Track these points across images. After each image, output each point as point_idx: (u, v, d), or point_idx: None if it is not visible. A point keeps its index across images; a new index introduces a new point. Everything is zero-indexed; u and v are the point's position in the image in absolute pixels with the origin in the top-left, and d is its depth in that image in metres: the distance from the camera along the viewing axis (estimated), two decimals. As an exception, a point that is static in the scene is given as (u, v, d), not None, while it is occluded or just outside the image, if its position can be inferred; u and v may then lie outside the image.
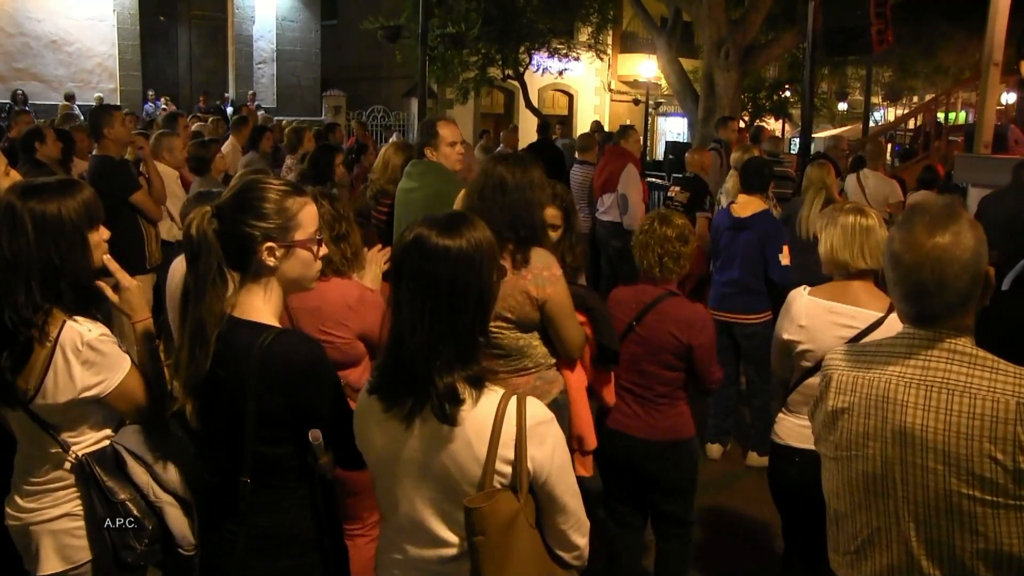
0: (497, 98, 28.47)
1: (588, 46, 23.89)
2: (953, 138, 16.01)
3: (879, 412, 2.04)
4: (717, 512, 5.18)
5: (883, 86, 28.80)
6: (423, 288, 1.95)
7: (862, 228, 3.38)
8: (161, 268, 6.38)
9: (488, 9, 19.38)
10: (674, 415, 3.85)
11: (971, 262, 1.94)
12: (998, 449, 1.88)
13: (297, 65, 26.18)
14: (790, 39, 15.79)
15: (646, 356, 3.79)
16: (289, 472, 2.26)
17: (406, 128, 23.80)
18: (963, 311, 1.99)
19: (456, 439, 1.97)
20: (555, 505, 2.09)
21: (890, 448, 2.02)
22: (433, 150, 4.97)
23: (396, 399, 2.01)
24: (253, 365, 2.15)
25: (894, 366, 2.04)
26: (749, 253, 5.72)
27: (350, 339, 3.26)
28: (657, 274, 3.82)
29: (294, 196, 2.28)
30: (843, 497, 2.16)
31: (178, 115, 10.85)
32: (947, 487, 1.94)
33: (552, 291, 3.24)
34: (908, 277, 1.97)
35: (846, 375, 2.14)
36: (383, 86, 26.11)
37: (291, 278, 2.30)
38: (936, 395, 1.96)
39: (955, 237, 1.93)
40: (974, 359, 1.96)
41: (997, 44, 11.46)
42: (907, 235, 1.97)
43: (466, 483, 1.98)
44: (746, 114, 24.27)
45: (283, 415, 2.20)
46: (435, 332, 1.94)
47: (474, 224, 2.04)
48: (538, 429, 2.01)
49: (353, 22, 23.10)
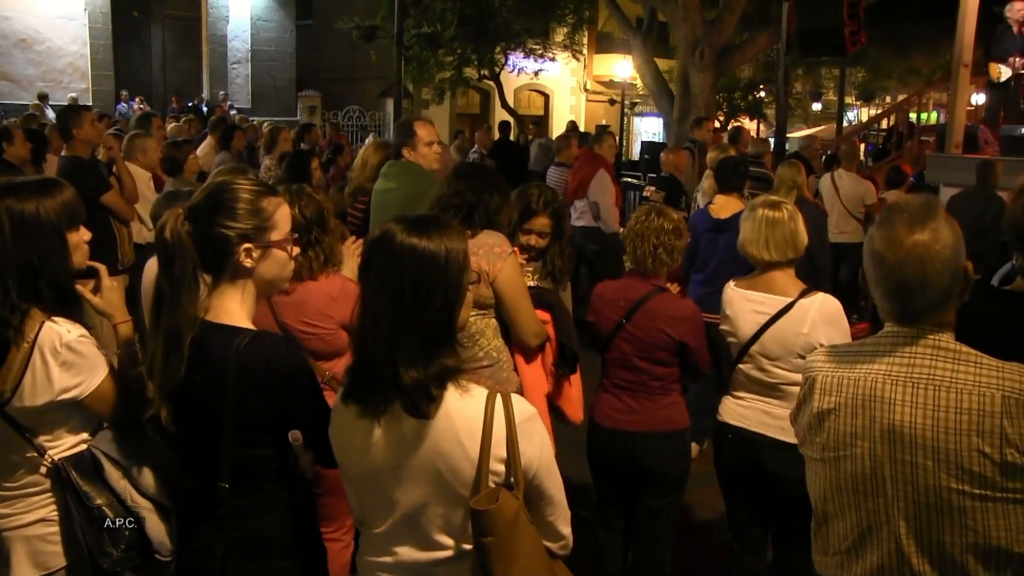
0: (473, 98, 28.46)
1: (564, 46, 23.95)
2: (925, 138, 16.13)
3: (867, 411, 2.05)
4: (695, 511, 5.20)
5: (856, 86, 29.01)
6: (386, 284, 1.95)
7: (768, 221, 3.54)
8: (134, 269, 6.35)
9: (464, 9, 19.37)
10: (669, 404, 3.85)
11: (951, 258, 1.96)
12: (985, 443, 1.90)
13: (272, 65, 26.04)
14: (765, 40, 15.88)
15: (637, 353, 3.79)
16: (269, 474, 2.25)
17: (382, 128, 23.75)
18: (945, 307, 2.01)
19: (447, 441, 1.96)
20: (544, 498, 2.10)
21: (879, 446, 2.03)
22: (411, 150, 4.96)
23: (367, 400, 2.00)
24: (230, 369, 2.14)
25: (879, 364, 2.06)
26: (729, 254, 5.72)
27: (334, 329, 3.29)
28: (650, 266, 3.80)
29: (268, 196, 2.27)
30: (832, 498, 2.16)
31: (152, 115, 10.78)
32: (937, 483, 1.95)
33: (502, 266, 3.27)
34: (891, 276, 1.99)
35: (830, 376, 2.14)
36: (358, 86, 26.04)
37: (267, 279, 2.29)
38: (923, 391, 1.98)
39: (934, 234, 1.95)
40: (958, 354, 1.99)
41: (966, 46, 11.59)
42: (888, 234, 1.99)
43: (460, 484, 1.98)
44: (721, 114, 24.40)
45: (262, 418, 2.19)
46: (397, 328, 1.93)
47: (446, 227, 2.04)
48: (527, 425, 2.01)
49: (328, 22, 23.00)
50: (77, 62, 22.58)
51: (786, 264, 3.56)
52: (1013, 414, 1.89)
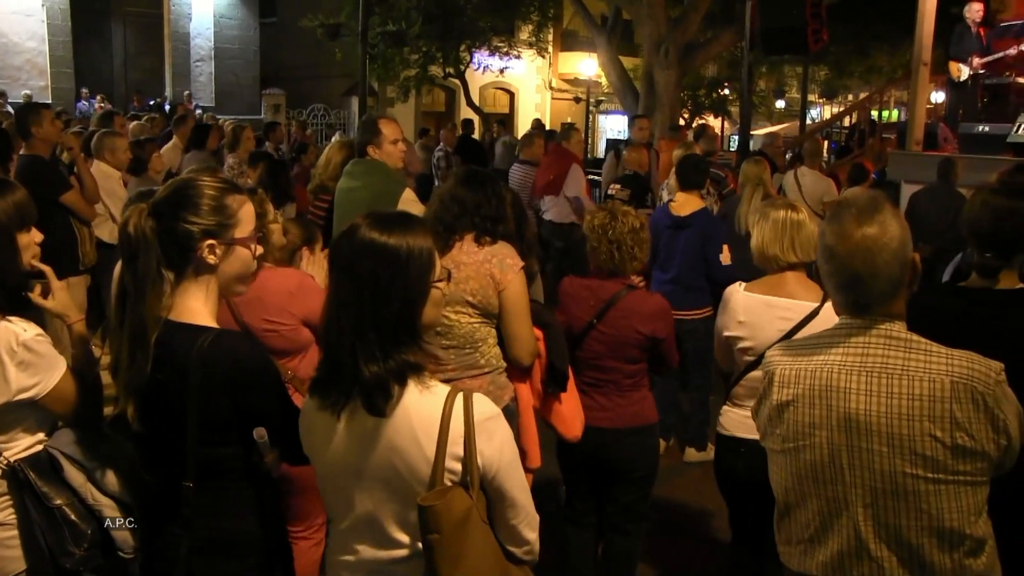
0: (438, 96, 28.43)
1: (529, 44, 24.01)
2: (887, 135, 16.30)
3: (823, 401, 2.11)
4: (661, 506, 5.22)
5: (819, 84, 29.29)
6: (348, 278, 1.96)
7: (792, 223, 3.46)
8: (97, 269, 6.28)
9: (428, 7, 19.34)
10: (639, 399, 3.86)
11: (899, 249, 2.03)
12: (937, 427, 1.97)
13: (236, 63, 25.85)
14: (728, 38, 15.99)
15: (609, 353, 3.78)
16: (234, 473, 2.24)
17: (347, 126, 23.64)
18: (894, 297, 2.08)
19: (403, 438, 1.96)
20: (505, 500, 2.08)
21: (836, 435, 2.09)
22: (376, 148, 4.93)
23: (330, 395, 2.00)
24: (194, 368, 2.12)
25: (835, 355, 2.12)
26: (690, 251, 5.77)
27: (295, 325, 3.29)
28: (615, 265, 3.78)
29: (233, 193, 2.26)
30: (793, 489, 2.21)
31: (114, 113, 10.65)
32: (892, 468, 2.02)
33: (512, 278, 3.28)
34: (842, 268, 2.06)
35: (788, 369, 2.20)
36: (323, 84, 25.89)
37: (230, 276, 2.27)
38: (876, 380, 2.04)
39: (882, 227, 2.03)
40: (909, 343, 2.06)
41: (926, 45, 11.75)
42: (837, 228, 2.06)
43: (416, 482, 1.97)
44: (686, 112, 24.54)
45: (227, 417, 2.17)
46: (357, 323, 1.93)
47: (413, 226, 2.04)
48: (486, 425, 2.00)
49: (292, 20, 22.90)
50: (35, 59, 22.27)
51: (802, 267, 3.48)
52: (962, 399, 1.96)
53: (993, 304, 2.90)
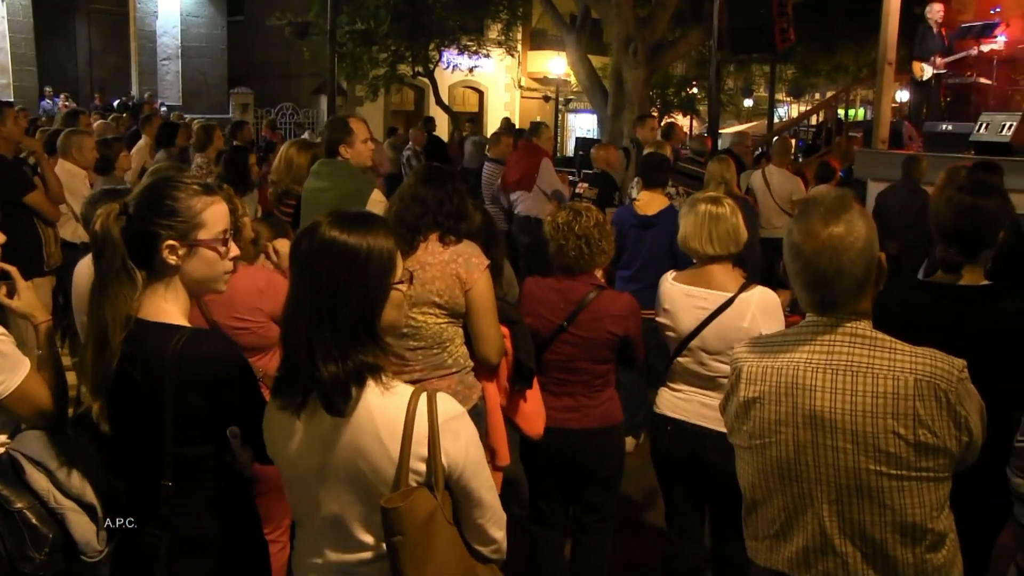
0: (407, 95, 28.33)
1: (498, 43, 23.96)
2: (853, 134, 16.47)
3: (789, 398, 2.13)
4: (632, 503, 5.25)
5: (786, 83, 29.45)
6: (307, 277, 1.96)
7: (711, 216, 3.57)
8: (63, 270, 6.20)
9: (397, 5, 19.28)
10: (606, 399, 3.86)
11: (864, 249, 2.05)
12: (900, 424, 2.00)
13: (203, 62, 25.64)
14: (697, 37, 16.07)
15: (580, 355, 3.76)
16: (209, 472, 2.24)
17: (316, 125, 23.50)
18: (860, 296, 2.10)
19: (367, 439, 1.95)
20: (471, 500, 2.08)
21: (801, 432, 2.11)
22: (348, 147, 4.90)
23: (291, 395, 1.99)
24: (169, 368, 2.12)
25: (801, 353, 2.14)
26: (656, 250, 5.78)
27: (265, 322, 3.29)
28: (585, 261, 3.76)
29: (201, 195, 2.25)
30: (759, 485, 2.24)
31: (79, 112, 10.53)
32: (856, 465, 2.05)
33: (479, 277, 3.28)
34: (808, 266, 2.08)
35: (755, 366, 2.22)
36: (292, 83, 25.75)
37: (195, 278, 2.26)
38: (842, 377, 2.07)
39: (848, 226, 2.05)
40: (874, 341, 2.08)
41: (890, 44, 11.88)
42: (804, 226, 2.09)
43: (381, 483, 1.96)
44: (655, 110, 24.61)
45: (202, 416, 2.18)
46: (314, 321, 1.93)
47: (374, 225, 2.03)
48: (451, 424, 2.00)
49: (260, 18, 22.74)
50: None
51: (726, 258, 3.59)
52: (925, 396, 1.99)
53: (956, 300, 2.97)
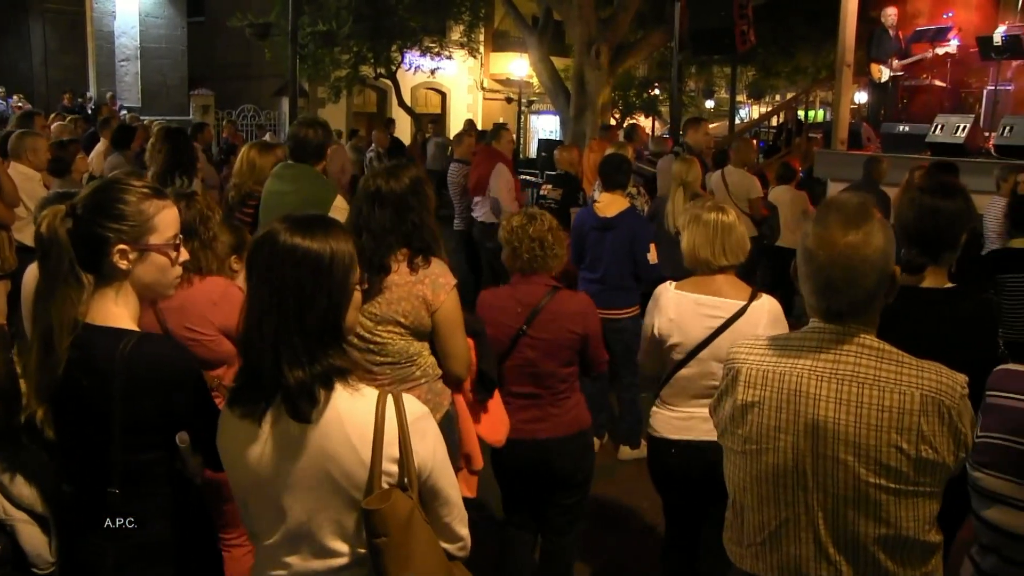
0: (369, 97, 28.22)
1: (460, 44, 23.97)
2: (813, 135, 16.65)
3: (791, 405, 2.08)
4: (596, 503, 5.26)
5: (747, 85, 29.74)
6: (270, 285, 1.92)
7: (723, 226, 3.51)
8: (17, 274, 6.10)
9: (359, 7, 19.23)
10: (574, 406, 3.84)
11: (880, 262, 2.01)
12: (903, 439, 1.96)
13: (163, 63, 25.31)
14: (658, 38, 16.18)
15: (542, 358, 3.74)
16: (158, 479, 2.21)
17: (278, 127, 23.34)
18: (870, 308, 2.07)
19: (337, 443, 1.94)
20: (439, 498, 2.09)
21: (802, 440, 2.07)
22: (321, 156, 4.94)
23: (254, 404, 1.96)
24: (117, 372, 2.09)
25: (805, 360, 2.10)
26: (617, 252, 5.80)
27: (215, 336, 3.22)
28: (539, 263, 3.76)
29: (153, 199, 2.22)
30: (750, 490, 2.19)
31: (35, 114, 10.37)
32: (856, 477, 2.01)
33: (445, 298, 3.23)
34: (820, 273, 2.03)
35: (755, 369, 2.17)
36: (253, 85, 25.54)
37: (145, 283, 2.23)
38: (847, 388, 2.02)
39: (866, 237, 1.99)
40: (881, 353, 2.05)
41: (848, 46, 12.05)
42: (821, 232, 2.03)
43: (353, 488, 1.95)
44: (616, 112, 24.75)
45: (151, 421, 2.14)
46: (281, 329, 1.91)
47: (331, 227, 2.02)
48: (419, 424, 2.00)
49: (221, 19, 22.54)
50: (-55, 56, 21.53)
51: (731, 267, 3.54)
52: (930, 412, 1.96)
53: (919, 302, 2.99)
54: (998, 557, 2.32)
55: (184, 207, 3.18)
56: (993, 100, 12.18)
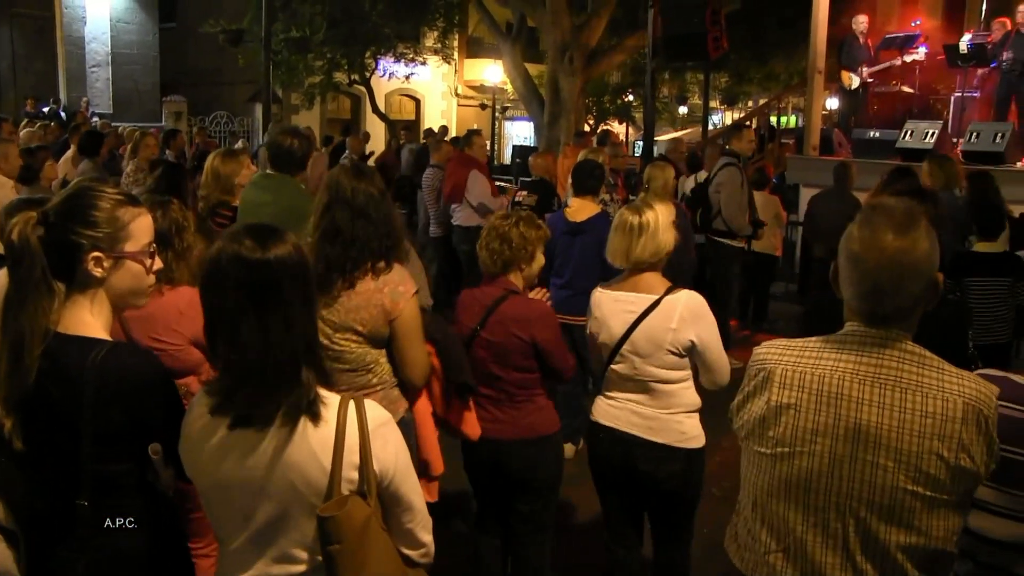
0: (343, 103, 28.14)
1: (434, 51, 23.98)
2: (785, 141, 16.76)
3: (831, 408, 2.05)
4: (572, 509, 5.27)
5: (720, 91, 29.86)
6: (258, 300, 1.93)
7: (638, 226, 3.65)
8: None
9: (333, 13, 19.18)
10: (534, 411, 3.85)
11: (927, 268, 2.00)
12: (944, 447, 1.95)
13: (134, 69, 25.11)
14: (632, 45, 16.26)
15: (494, 360, 3.78)
16: (129, 490, 2.18)
17: (251, 134, 23.23)
18: (913, 313, 2.06)
19: (300, 452, 1.94)
20: (401, 504, 2.09)
21: (840, 444, 2.04)
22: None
23: (247, 416, 1.96)
24: (88, 382, 2.06)
25: (846, 363, 2.07)
26: (586, 257, 5.82)
27: (183, 345, 3.21)
28: (488, 265, 3.83)
29: (127, 206, 2.20)
30: (775, 493, 2.15)
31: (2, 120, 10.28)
32: (894, 483, 1.98)
33: (404, 307, 3.22)
34: (866, 278, 2.01)
35: (791, 370, 2.13)
36: (226, 91, 25.39)
37: (120, 291, 2.21)
38: (890, 393, 2.00)
39: (914, 243, 1.98)
40: (923, 359, 2.03)
41: (819, 53, 12.18)
42: (869, 235, 2.01)
43: (313, 495, 1.95)
44: (591, 117, 24.81)
45: (122, 431, 2.12)
46: (281, 341, 1.92)
47: (285, 235, 2.03)
48: (380, 430, 2.01)
49: (193, 25, 22.44)
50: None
51: (653, 265, 3.66)
52: (970, 422, 1.95)
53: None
54: (974, 563, 2.32)
55: (159, 216, 3.16)
56: (960, 106, 12.36)
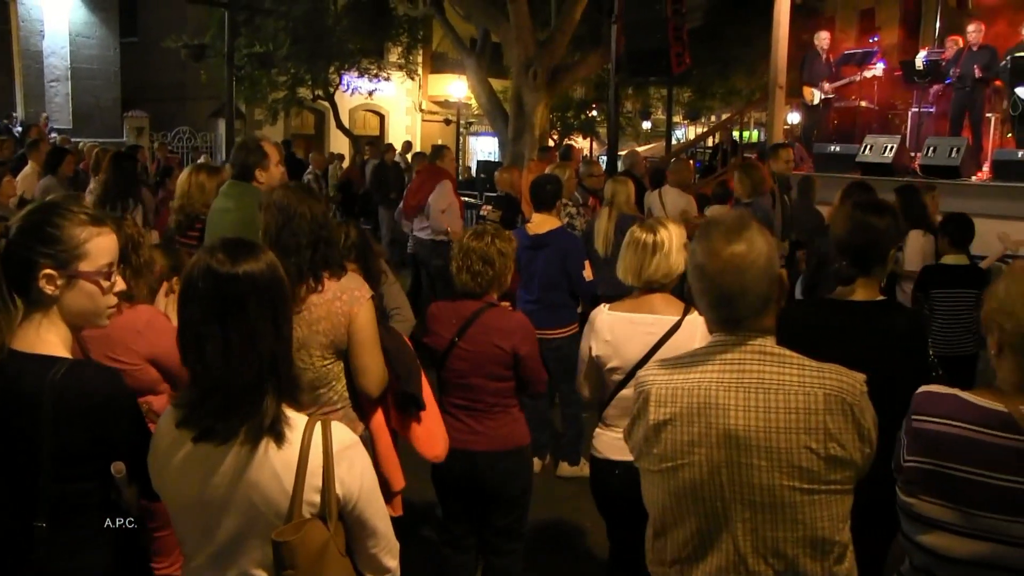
0: (307, 119, 28.04)
1: (398, 66, 24.01)
2: (748, 155, 16.91)
3: (703, 418, 2.12)
4: (538, 524, 5.26)
5: (683, 106, 30.06)
6: (222, 314, 1.92)
7: (652, 245, 3.55)
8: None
9: (296, 28, 19.15)
10: (510, 422, 3.87)
11: (766, 266, 2.09)
12: (812, 439, 2.04)
13: (95, 84, 24.82)
14: (595, 60, 16.32)
15: (472, 370, 3.80)
16: (90, 510, 2.15)
17: (214, 149, 23.07)
18: (764, 312, 2.14)
19: (262, 471, 1.93)
20: (366, 529, 2.08)
21: (716, 452, 2.11)
22: (263, 170, 4.87)
23: (210, 430, 1.94)
24: (47, 400, 2.03)
25: (711, 372, 2.15)
26: (550, 270, 5.87)
27: (140, 364, 3.17)
28: (457, 285, 3.85)
29: (88, 225, 2.17)
30: (670, 508, 2.21)
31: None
32: (771, 481, 2.06)
33: (359, 311, 3.20)
34: (712, 285, 2.11)
35: (665, 388, 2.20)
36: (189, 106, 25.23)
37: (75, 311, 2.17)
38: (755, 395, 2.09)
39: (749, 244, 2.08)
40: (782, 358, 2.12)
41: (781, 69, 12.31)
42: (707, 246, 2.11)
43: (274, 515, 1.94)
44: (555, 133, 24.90)
45: (84, 451, 2.09)
46: (260, 354, 1.92)
47: (261, 252, 2.03)
48: (346, 453, 2.00)
49: (155, 40, 22.30)
50: None
51: (664, 286, 3.57)
52: (834, 410, 2.04)
53: (852, 315, 3.12)
54: None
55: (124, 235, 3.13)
56: (918, 121, 12.56)
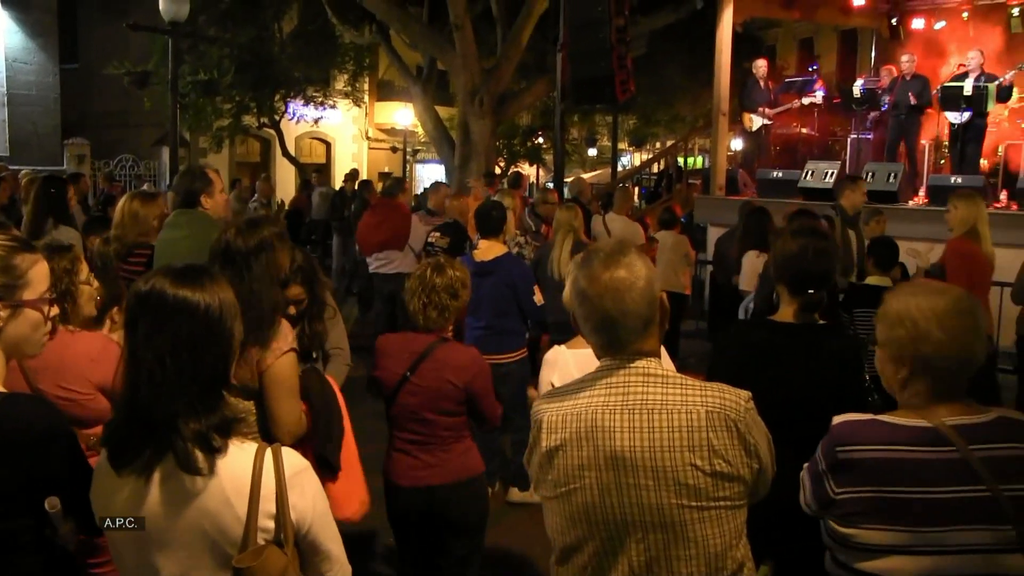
0: (252, 146, 27.84)
1: (344, 94, 23.98)
2: (693, 181, 17.17)
3: (590, 442, 2.15)
4: (490, 550, 5.21)
5: (628, 133, 30.41)
6: (162, 339, 1.89)
7: None
8: None
9: (241, 56, 19.07)
10: (463, 451, 3.85)
11: (645, 289, 2.13)
12: (697, 456, 2.06)
13: (33, 110, 24.36)
14: (541, 88, 16.47)
15: (424, 405, 3.75)
16: (24, 548, 2.09)
17: (157, 177, 22.79)
18: (647, 335, 2.17)
19: (213, 498, 1.90)
20: (320, 554, 2.07)
21: (604, 474, 2.13)
22: (208, 197, 4.82)
23: (133, 456, 1.91)
24: None
25: (597, 396, 2.18)
26: (497, 296, 5.90)
27: (92, 394, 3.10)
28: (420, 322, 3.81)
29: (23, 252, 2.15)
30: (567, 532, 2.23)
31: None
32: (660, 501, 2.08)
33: (274, 362, 3.09)
34: (594, 310, 2.15)
35: (556, 414, 2.23)
36: (132, 134, 24.87)
37: (14, 340, 2.15)
38: (639, 416, 2.11)
39: (628, 269, 2.13)
40: (666, 379, 2.15)
41: (723, 96, 12.53)
42: (587, 272, 2.16)
43: (228, 544, 1.91)
44: (501, 160, 25.01)
45: (17, 485, 2.04)
46: (175, 382, 1.88)
47: (215, 278, 2.01)
48: (298, 478, 1.99)
49: (96, 66, 22.02)
50: None
51: None
52: (717, 426, 2.07)
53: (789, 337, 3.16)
54: None
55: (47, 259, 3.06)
56: (857, 147, 12.86)
